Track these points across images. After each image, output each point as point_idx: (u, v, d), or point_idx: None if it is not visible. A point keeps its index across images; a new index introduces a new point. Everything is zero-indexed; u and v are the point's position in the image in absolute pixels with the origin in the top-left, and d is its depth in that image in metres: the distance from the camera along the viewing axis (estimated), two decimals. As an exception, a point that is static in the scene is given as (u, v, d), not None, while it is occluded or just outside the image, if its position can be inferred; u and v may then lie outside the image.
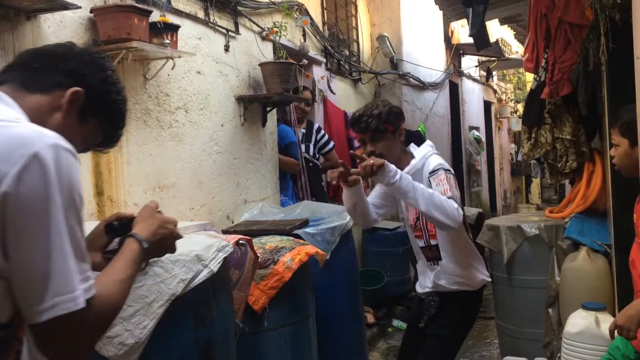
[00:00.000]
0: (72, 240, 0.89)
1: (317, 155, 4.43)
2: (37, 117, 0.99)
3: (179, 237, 1.23)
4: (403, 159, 2.40)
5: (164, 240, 1.18)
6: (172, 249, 1.22)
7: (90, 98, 1.05)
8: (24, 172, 0.84)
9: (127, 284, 1.03)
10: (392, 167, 2.14)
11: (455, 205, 2.13)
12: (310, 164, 4.35)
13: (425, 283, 2.48)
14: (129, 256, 1.08)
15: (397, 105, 2.50)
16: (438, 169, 2.28)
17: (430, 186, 2.24)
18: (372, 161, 2.11)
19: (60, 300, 0.86)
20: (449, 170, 2.31)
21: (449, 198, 2.15)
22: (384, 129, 2.36)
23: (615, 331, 1.89)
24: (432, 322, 2.44)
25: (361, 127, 2.38)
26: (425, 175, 2.31)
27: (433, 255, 2.40)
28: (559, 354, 2.71)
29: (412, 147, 2.47)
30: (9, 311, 0.90)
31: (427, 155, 2.38)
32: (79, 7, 2.31)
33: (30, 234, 0.85)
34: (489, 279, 2.51)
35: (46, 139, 0.88)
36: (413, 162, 2.39)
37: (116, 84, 1.12)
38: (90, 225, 1.23)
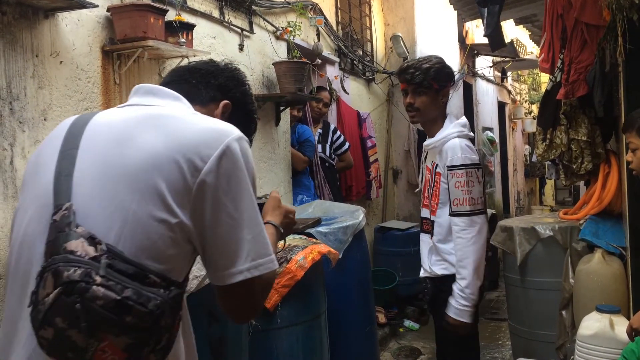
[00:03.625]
0: (259, 213, 1.07)
1: (333, 156, 4.44)
2: None
3: (295, 223, 1.43)
4: (438, 123, 2.37)
5: (288, 226, 1.37)
6: (291, 233, 1.42)
7: (234, 108, 1.23)
8: (222, 156, 1.01)
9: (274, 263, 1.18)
10: (459, 313, 2.23)
11: (464, 230, 2.20)
12: (327, 164, 4.36)
13: (423, 265, 2.47)
14: (272, 239, 1.23)
15: (450, 67, 2.43)
16: (460, 167, 2.22)
17: (448, 178, 2.24)
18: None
19: (264, 261, 1.04)
20: (472, 166, 2.23)
21: (464, 214, 2.20)
22: (429, 84, 2.31)
23: (633, 333, 1.88)
24: (435, 309, 2.43)
25: (406, 77, 2.34)
26: (444, 162, 2.27)
27: (428, 228, 2.39)
28: (572, 357, 2.69)
29: (450, 118, 2.39)
30: (184, 273, 1.05)
31: (448, 137, 2.29)
32: (96, 6, 2.33)
33: (227, 208, 1.01)
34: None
35: (235, 132, 1.06)
36: (439, 134, 2.33)
37: (252, 96, 1.31)
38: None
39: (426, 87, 2.32)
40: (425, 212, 2.43)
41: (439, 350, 2.56)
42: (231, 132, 1.05)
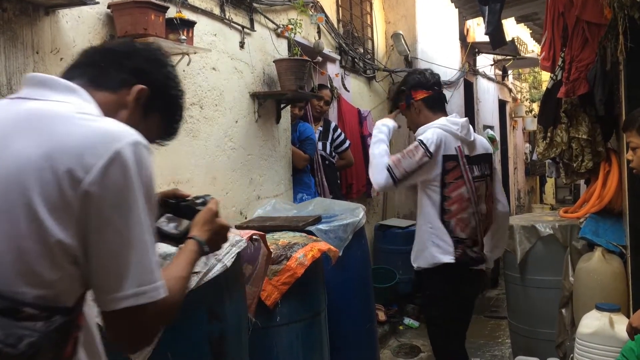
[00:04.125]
0: (151, 233, 0.93)
1: (333, 154, 4.44)
2: (106, 113, 1.01)
3: (227, 240, 1.29)
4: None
5: (217, 243, 1.24)
6: (218, 249, 1.27)
7: (153, 94, 1.08)
8: (109, 166, 0.87)
9: (187, 282, 1.09)
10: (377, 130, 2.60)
11: (384, 173, 2.44)
12: (327, 162, 4.36)
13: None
14: (191, 257, 1.14)
15: (410, 79, 2.67)
16: (417, 140, 2.49)
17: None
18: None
19: (145, 290, 0.91)
20: (423, 145, 2.44)
21: (389, 167, 2.44)
22: (399, 106, 2.67)
23: (633, 332, 1.88)
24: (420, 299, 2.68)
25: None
26: None
27: None
28: (571, 355, 2.70)
29: (442, 118, 2.59)
30: (75, 297, 0.93)
31: (430, 126, 2.54)
32: (97, 3, 2.33)
33: (113, 225, 0.88)
34: (449, 261, 2.49)
35: (129, 136, 0.92)
36: (420, 128, 2.59)
37: (175, 79, 1.15)
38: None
39: (404, 109, 2.67)
40: None
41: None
42: (124, 136, 0.91)
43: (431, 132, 2.47)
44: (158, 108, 1.11)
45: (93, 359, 1.02)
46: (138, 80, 1.06)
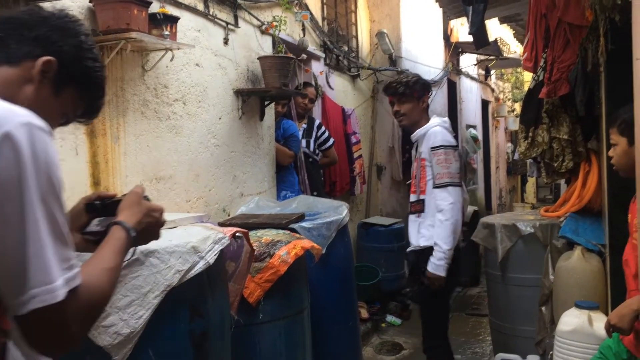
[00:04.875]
0: (51, 226, 0.82)
1: (317, 151, 4.44)
2: (7, 91, 0.92)
3: (164, 224, 1.16)
4: (422, 124, 2.91)
5: (150, 228, 1.12)
6: (157, 237, 1.15)
7: (63, 67, 0.97)
8: None
9: (115, 273, 0.97)
10: (436, 267, 2.70)
11: (446, 198, 2.69)
12: (310, 160, 4.36)
13: (411, 241, 2.90)
14: (117, 244, 1.02)
15: (425, 83, 3.02)
16: (439, 147, 2.75)
17: (431, 158, 2.75)
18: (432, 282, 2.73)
19: (38, 292, 0.81)
20: (449, 147, 2.76)
21: (443, 185, 2.70)
22: (410, 93, 2.88)
23: (611, 329, 1.91)
24: (414, 277, 2.92)
25: (390, 90, 2.94)
26: (427, 147, 2.79)
27: (417, 209, 2.85)
28: (551, 352, 2.73)
29: (433, 118, 2.93)
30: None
31: (431, 126, 2.85)
32: (79, -3, 2.30)
33: (3, 222, 0.79)
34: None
35: (18, 118, 0.81)
36: (420, 129, 2.87)
37: (91, 50, 1.03)
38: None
39: (408, 96, 2.89)
40: (413, 197, 2.90)
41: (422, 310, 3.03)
42: (14, 116, 0.80)
43: (440, 133, 2.80)
44: (72, 82, 1.01)
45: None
46: (44, 51, 0.96)
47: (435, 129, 2.82)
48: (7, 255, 0.80)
